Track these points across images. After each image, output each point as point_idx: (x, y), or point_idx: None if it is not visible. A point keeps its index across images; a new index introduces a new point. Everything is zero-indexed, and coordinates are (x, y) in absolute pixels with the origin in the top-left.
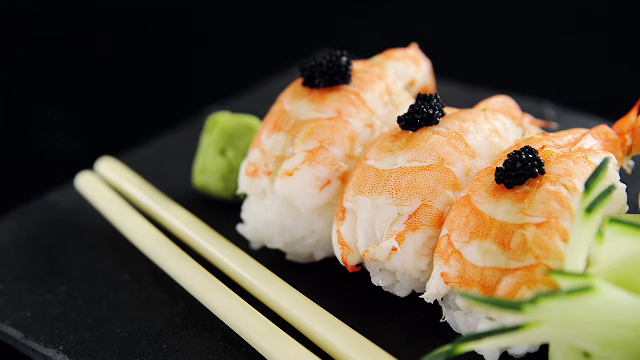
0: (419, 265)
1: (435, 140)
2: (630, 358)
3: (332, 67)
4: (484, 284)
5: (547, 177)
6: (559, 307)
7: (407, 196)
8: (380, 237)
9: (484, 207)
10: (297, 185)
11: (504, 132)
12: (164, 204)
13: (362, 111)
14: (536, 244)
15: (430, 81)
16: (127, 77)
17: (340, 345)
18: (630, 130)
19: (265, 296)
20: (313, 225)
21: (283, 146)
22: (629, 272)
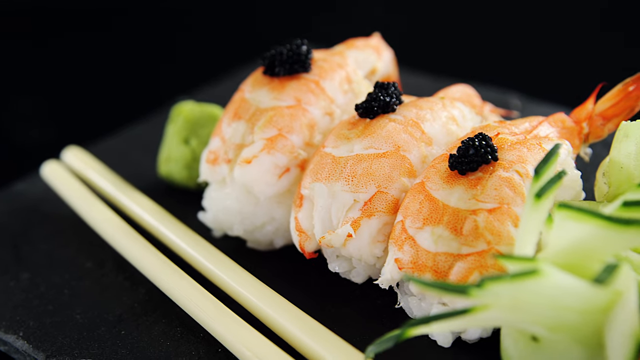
0: (374, 251)
1: (392, 127)
2: (578, 342)
3: (291, 56)
4: (436, 269)
5: (500, 163)
6: (505, 290)
7: (363, 183)
8: (336, 224)
9: (437, 193)
10: (256, 173)
11: (462, 120)
12: (128, 192)
13: (321, 99)
14: (488, 229)
15: (393, 70)
16: (98, 68)
17: (294, 330)
18: (587, 118)
19: (223, 282)
20: (272, 213)
21: (243, 134)
22: (578, 257)
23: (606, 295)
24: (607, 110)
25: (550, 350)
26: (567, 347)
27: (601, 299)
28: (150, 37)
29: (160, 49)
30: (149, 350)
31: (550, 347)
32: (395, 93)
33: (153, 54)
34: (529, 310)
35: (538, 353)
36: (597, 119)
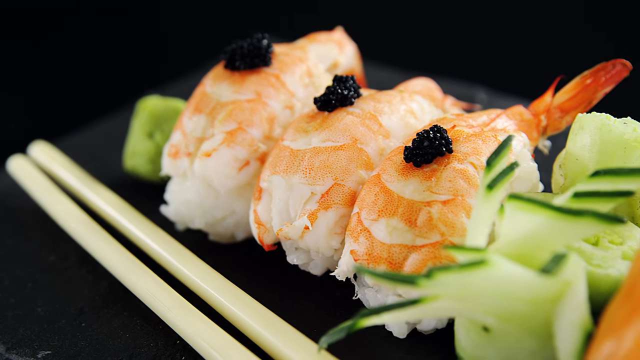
0: (331, 243)
1: (349, 120)
2: (528, 332)
3: (252, 50)
4: (390, 261)
5: (454, 155)
6: (454, 280)
7: (320, 175)
8: (294, 216)
9: (392, 185)
10: (215, 166)
11: (420, 113)
12: (93, 186)
13: (281, 93)
14: (441, 221)
15: (356, 64)
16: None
17: (250, 322)
18: (545, 111)
19: (183, 275)
20: (232, 206)
21: (203, 128)
22: (529, 248)
23: (555, 285)
24: (565, 102)
25: (500, 340)
26: (517, 337)
27: (550, 289)
28: (121, 34)
29: (131, 45)
30: (108, 342)
31: (501, 337)
32: (353, 86)
33: (124, 50)
34: (478, 300)
35: (489, 343)
36: (555, 111)
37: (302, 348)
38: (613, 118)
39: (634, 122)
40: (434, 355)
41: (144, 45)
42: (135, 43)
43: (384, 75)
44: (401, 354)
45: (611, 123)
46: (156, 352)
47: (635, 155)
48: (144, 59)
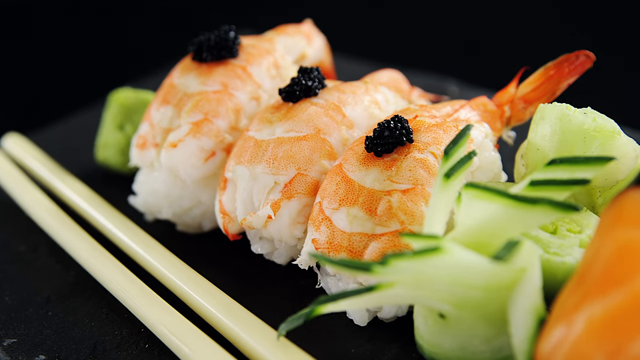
0: (294, 232)
1: (313, 111)
2: (483, 318)
3: (219, 42)
4: (351, 249)
5: (415, 145)
6: (408, 267)
7: (283, 165)
8: (258, 206)
9: (353, 174)
10: (181, 156)
11: (385, 104)
12: (64, 178)
13: (247, 84)
14: (401, 209)
15: (326, 56)
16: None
17: (213, 311)
18: (509, 102)
19: (149, 265)
20: (199, 196)
21: (170, 119)
22: (486, 236)
23: (510, 272)
24: (529, 93)
25: (456, 327)
26: (472, 324)
27: (505, 276)
28: (97, 28)
29: (107, 39)
30: (74, 331)
31: (457, 324)
32: (317, 77)
33: (100, 44)
34: (433, 287)
35: (445, 330)
36: (519, 102)
37: (262, 335)
38: (573, 108)
39: (594, 112)
40: (394, 343)
41: (120, 39)
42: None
43: (356, 68)
44: (362, 342)
45: (571, 113)
46: (120, 340)
47: (594, 144)
48: (119, 52)
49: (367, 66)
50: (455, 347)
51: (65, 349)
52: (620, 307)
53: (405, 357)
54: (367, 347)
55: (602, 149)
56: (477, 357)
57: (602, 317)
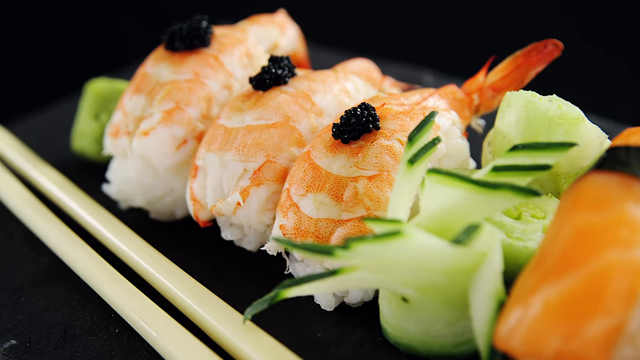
0: (263, 219)
1: (282, 99)
2: (445, 302)
3: (191, 31)
4: (317, 235)
5: (381, 132)
6: (370, 251)
7: (252, 152)
8: (227, 192)
9: (320, 161)
10: (153, 144)
11: (354, 93)
12: (40, 167)
13: (219, 73)
14: (367, 195)
15: (300, 46)
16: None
17: (183, 296)
18: (478, 90)
19: (120, 251)
20: (171, 184)
21: (142, 107)
22: (450, 221)
23: (471, 256)
24: (498, 82)
25: (419, 311)
26: (435, 308)
27: (466, 260)
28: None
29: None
30: (45, 316)
31: (420, 308)
32: (287, 66)
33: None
34: (395, 271)
35: (409, 314)
36: (488, 90)
37: (229, 319)
38: (539, 96)
39: (559, 100)
40: (360, 327)
41: (98, 29)
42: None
43: (332, 58)
44: (328, 326)
45: (536, 100)
46: (91, 324)
47: (559, 131)
48: (98, 43)
49: (342, 56)
50: (419, 330)
51: (36, 333)
52: (576, 289)
53: (370, 341)
54: (333, 331)
55: (566, 135)
56: (440, 341)
57: (558, 299)
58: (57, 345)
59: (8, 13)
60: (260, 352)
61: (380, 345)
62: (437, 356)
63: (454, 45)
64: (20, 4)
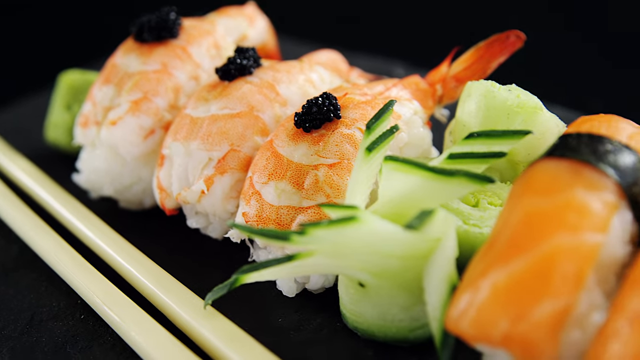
0: (227, 207)
1: (247, 89)
2: (400, 287)
3: (159, 23)
4: (279, 222)
5: (342, 121)
6: (326, 236)
7: (217, 141)
8: (193, 181)
9: (282, 149)
10: (121, 134)
11: (319, 83)
12: (13, 158)
13: (187, 64)
14: (327, 183)
15: (269, 38)
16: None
17: (147, 283)
18: (441, 81)
19: (88, 239)
20: (139, 173)
21: (111, 97)
22: (405, 207)
23: (425, 242)
24: (461, 72)
25: (376, 296)
26: (390, 292)
27: (421, 246)
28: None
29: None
30: (13, 302)
31: (376, 293)
32: (253, 57)
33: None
34: (351, 256)
35: (365, 298)
36: (451, 81)
37: (191, 305)
38: (498, 85)
39: (518, 89)
40: (321, 313)
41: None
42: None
43: (304, 50)
44: (289, 312)
45: (495, 90)
46: (57, 311)
47: (517, 120)
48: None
49: (314, 49)
50: (376, 315)
51: (3, 319)
52: (524, 273)
53: (330, 327)
54: (294, 317)
55: (525, 124)
56: (396, 325)
57: (506, 283)
58: (23, 330)
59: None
60: (219, 336)
61: (339, 330)
62: (394, 341)
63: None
64: None
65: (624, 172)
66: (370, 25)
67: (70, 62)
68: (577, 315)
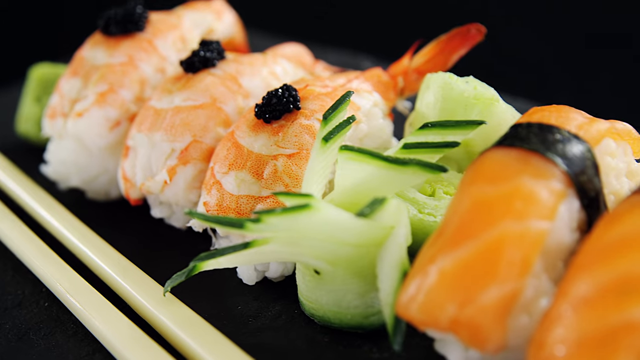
0: (190, 196)
1: (210, 81)
2: (354, 274)
3: (125, 16)
4: (238, 211)
5: (302, 112)
6: (280, 223)
7: (180, 132)
8: (156, 171)
9: (243, 140)
10: (87, 125)
11: (282, 75)
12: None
13: (153, 57)
14: (286, 173)
15: (237, 32)
16: None
17: (109, 271)
18: (403, 73)
19: (53, 228)
20: (105, 164)
21: (78, 90)
22: (361, 196)
23: (379, 229)
24: (422, 65)
25: (331, 283)
26: (345, 279)
27: (374, 233)
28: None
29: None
30: None
31: (331, 280)
32: (217, 49)
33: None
34: (305, 243)
35: (321, 286)
36: (413, 73)
37: (151, 292)
38: (455, 77)
39: (475, 81)
40: (280, 300)
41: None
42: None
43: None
44: (248, 300)
45: (453, 82)
46: (22, 298)
47: (474, 111)
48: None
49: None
50: (331, 302)
51: None
52: (471, 259)
53: (288, 314)
54: (253, 304)
55: (481, 115)
56: (351, 312)
57: (453, 269)
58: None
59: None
60: (176, 323)
61: (297, 317)
62: (349, 327)
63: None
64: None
65: (572, 161)
66: (339, 20)
67: (41, 55)
68: (524, 301)
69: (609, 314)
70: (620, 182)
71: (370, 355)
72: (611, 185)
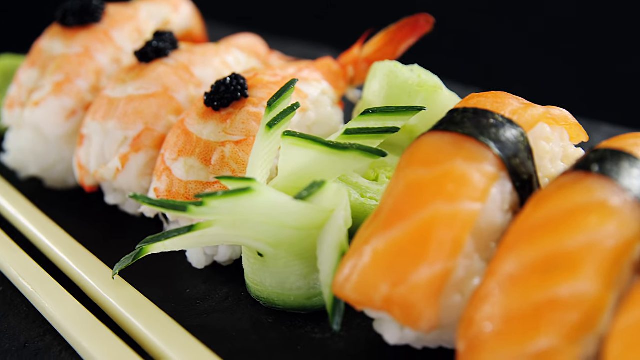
0: (142, 183)
1: (162, 70)
2: (297, 256)
3: (82, 7)
4: (187, 196)
5: (250, 100)
6: (222, 206)
7: (132, 121)
8: (109, 159)
9: (192, 127)
10: (43, 114)
11: (235, 65)
12: None
13: (109, 47)
14: (233, 159)
15: (195, 24)
16: None
17: (61, 255)
18: (353, 63)
19: (8, 214)
20: (62, 153)
21: (35, 80)
22: (304, 181)
23: (319, 212)
24: (371, 55)
25: (274, 265)
26: (288, 261)
27: (314, 216)
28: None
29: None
30: None
31: (273, 262)
32: (170, 40)
33: None
34: (247, 226)
35: (264, 268)
36: (362, 63)
37: (101, 276)
38: (401, 65)
39: (420, 69)
40: (228, 284)
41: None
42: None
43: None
44: (197, 283)
45: (398, 70)
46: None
47: (418, 99)
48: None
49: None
50: (275, 284)
51: None
52: (403, 239)
53: (234, 296)
54: (201, 287)
55: (425, 102)
56: (294, 293)
57: (386, 249)
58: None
59: None
60: (123, 305)
61: (243, 299)
62: (293, 308)
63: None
64: None
65: (505, 144)
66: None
67: (4, 47)
68: (456, 280)
69: (534, 291)
70: (556, 165)
71: (312, 336)
72: (546, 169)
